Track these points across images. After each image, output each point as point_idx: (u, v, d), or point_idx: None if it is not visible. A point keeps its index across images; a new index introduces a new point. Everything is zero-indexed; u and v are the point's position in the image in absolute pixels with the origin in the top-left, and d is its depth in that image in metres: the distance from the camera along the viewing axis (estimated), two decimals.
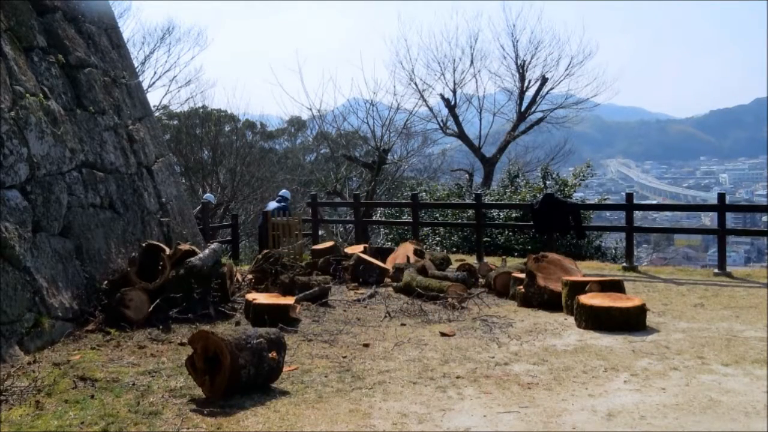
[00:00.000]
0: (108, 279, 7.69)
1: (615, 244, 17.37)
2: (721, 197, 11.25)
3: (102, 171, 8.41)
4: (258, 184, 25.61)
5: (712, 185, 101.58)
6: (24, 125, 6.93)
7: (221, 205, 22.80)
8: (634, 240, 12.14)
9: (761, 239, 42.86)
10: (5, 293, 6.08)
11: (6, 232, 6.32)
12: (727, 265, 11.35)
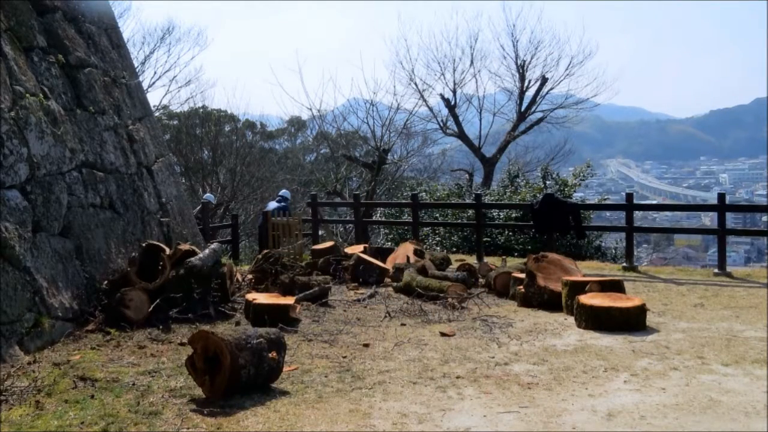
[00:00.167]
0: (108, 279, 7.69)
1: (615, 244, 17.36)
2: (721, 197, 11.25)
3: (102, 171, 8.41)
4: (258, 184, 25.60)
5: (712, 185, 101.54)
6: (24, 125, 6.93)
7: (221, 205, 22.79)
8: (634, 240, 12.13)
9: (761, 239, 42.85)
10: (5, 293, 6.08)
11: (6, 232, 6.32)
12: (727, 265, 11.35)
